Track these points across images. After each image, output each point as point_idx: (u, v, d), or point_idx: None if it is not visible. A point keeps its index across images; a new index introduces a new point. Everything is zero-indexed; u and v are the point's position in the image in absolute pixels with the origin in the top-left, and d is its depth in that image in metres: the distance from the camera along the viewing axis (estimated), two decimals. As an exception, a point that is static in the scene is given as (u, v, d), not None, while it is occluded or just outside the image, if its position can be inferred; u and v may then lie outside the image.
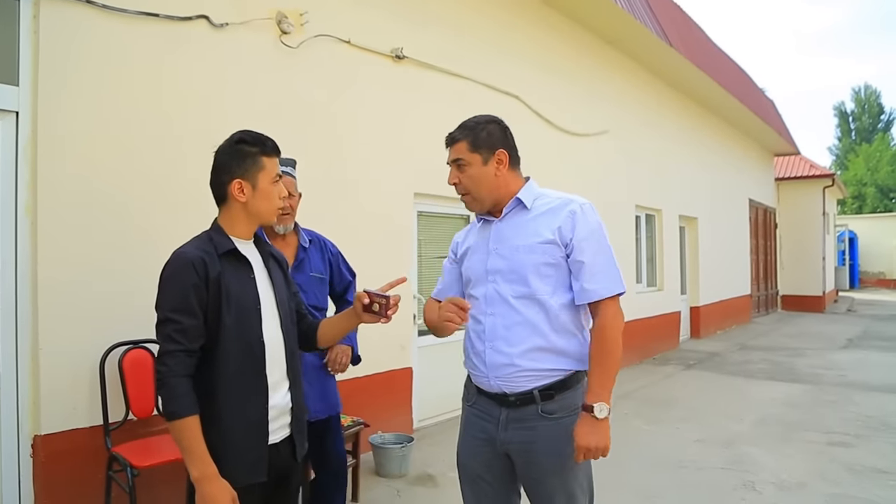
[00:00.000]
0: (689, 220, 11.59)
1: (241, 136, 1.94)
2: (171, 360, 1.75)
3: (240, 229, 1.96)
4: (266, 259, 2.04)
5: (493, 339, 2.02)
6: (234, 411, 1.82)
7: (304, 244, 3.05)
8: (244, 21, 4.01)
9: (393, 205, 5.16)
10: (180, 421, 1.73)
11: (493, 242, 2.09)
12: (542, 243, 1.99)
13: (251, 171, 1.90)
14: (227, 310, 1.82)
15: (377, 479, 4.34)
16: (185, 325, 1.77)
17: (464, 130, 2.10)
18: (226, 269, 1.86)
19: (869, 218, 31.51)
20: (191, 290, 1.78)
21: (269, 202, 1.95)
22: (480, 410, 2.11)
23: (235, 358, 1.83)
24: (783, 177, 18.23)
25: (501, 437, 2.03)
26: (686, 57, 9.32)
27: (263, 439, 1.87)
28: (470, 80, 5.90)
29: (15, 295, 3.04)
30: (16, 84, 3.05)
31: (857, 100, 45.51)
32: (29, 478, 3.07)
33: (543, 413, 1.98)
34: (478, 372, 2.08)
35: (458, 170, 2.09)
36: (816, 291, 17.70)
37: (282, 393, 1.94)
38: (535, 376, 1.97)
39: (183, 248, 1.88)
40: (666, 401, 6.81)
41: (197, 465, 1.73)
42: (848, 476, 4.42)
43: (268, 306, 1.94)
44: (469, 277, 2.16)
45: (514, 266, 2.01)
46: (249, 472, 1.84)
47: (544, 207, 2.06)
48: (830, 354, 10.02)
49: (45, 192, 3.09)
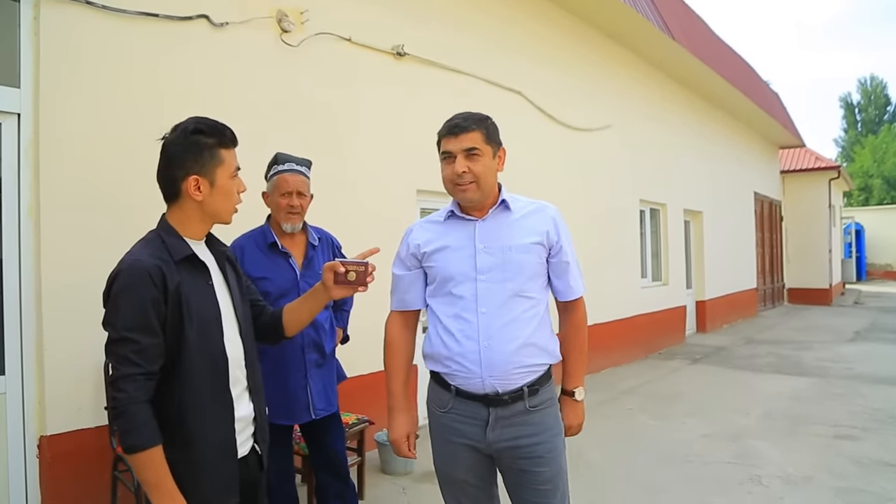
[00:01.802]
0: (693, 214, 11.55)
1: (195, 126, 1.72)
2: (129, 385, 1.54)
3: (193, 229, 1.76)
4: (220, 260, 1.85)
5: (488, 337, 2.00)
6: (204, 432, 1.65)
7: (314, 242, 3.05)
8: (244, 20, 4.01)
9: (394, 202, 5.15)
10: (144, 454, 1.53)
11: (481, 241, 2.08)
12: (533, 244, 2.07)
13: (208, 165, 1.70)
14: (189, 323, 1.64)
15: (383, 476, 4.34)
16: (144, 345, 1.56)
17: (476, 121, 2.07)
18: (184, 277, 1.67)
19: (875, 210, 31.35)
20: (149, 304, 1.58)
21: (228, 200, 1.76)
22: (460, 414, 2.07)
23: (200, 375, 1.65)
24: (788, 169, 18.14)
25: (489, 438, 2.03)
26: (689, 50, 9.28)
27: (233, 457, 1.72)
28: (471, 76, 5.88)
29: (19, 296, 3.05)
30: (17, 86, 3.06)
31: (864, 91, 45.30)
32: (35, 478, 3.08)
33: (530, 408, 2.03)
34: (465, 373, 2.01)
35: (470, 160, 2.03)
36: (823, 284, 17.63)
37: (244, 404, 1.79)
38: (527, 372, 2.03)
39: (136, 256, 1.67)
40: (672, 395, 6.79)
41: (167, 501, 1.55)
42: (855, 469, 4.40)
43: (227, 314, 1.77)
44: (449, 276, 2.08)
45: (507, 265, 2.04)
46: (223, 493, 1.70)
47: (525, 210, 2.13)
48: (837, 347, 9.98)
49: (47, 193, 3.10)
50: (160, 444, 1.56)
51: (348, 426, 3.79)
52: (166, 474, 1.56)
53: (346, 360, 3.54)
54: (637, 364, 8.57)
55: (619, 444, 5.04)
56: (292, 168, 2.96)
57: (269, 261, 2.89)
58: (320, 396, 2.94)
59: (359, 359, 4.42)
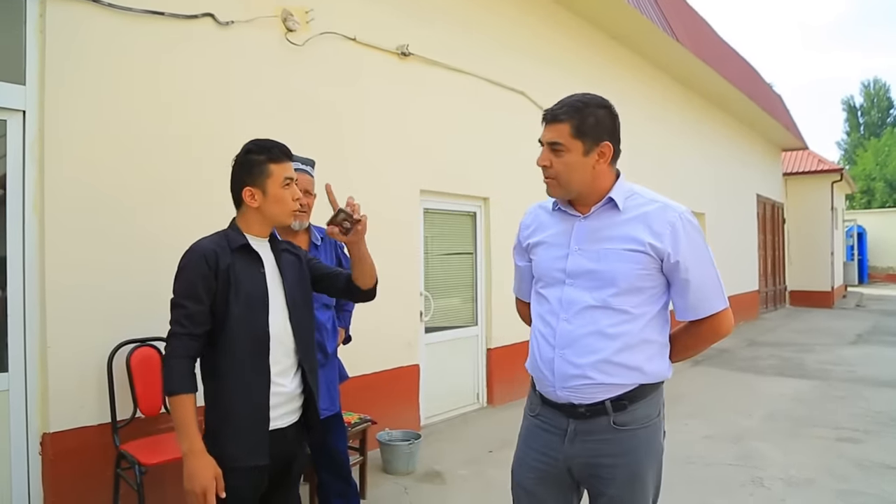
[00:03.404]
0: (696, 216, 11.47)
1: (248, 147, 2.08)
2: (175, 341, 1.90)
3: (255, 229, 2.08)
4: (279, 257, 2.13)
5: (563, 346, 1.83)
6: (236, 395, 1.93)
7: (316, 242, 3.06)
8: (250, 19, 4.01)
9: (398, 202, 5.15)
10: (176, 397, 1.87)
11: (576, 241, 1.87)
12: (634, 251, 1.79)
13: (259, 178, 2.03)
14: (234, 300, 1.94)
15: (384, 476, 4.34)
16: (192, 311, 1.90)
17: (570, 110, 1.82)
18: (236, 262, 1.98)
19: (878, 213, 31.29)
20: (199, 278, 1.92)
21: (282, 206, 2.06)
22: (544, 422, 1.93)
23: (241, 345, 1.93)
24: (791, 172, 18.12)
25: (567, 451, 1.86)
26: (692, 52, 9.27)
27: (264, 423, 1.96)
28: (475, 76, 5.88)
29: (23, 293, 3.06)
30: (22, 83, 3.06)
31: (867, 94, 45.23)
32: (38, 475, 3.08)
33: (616, 425, 1.81)
34: (544, 380, 1.89)
35: (553, 153, 1.84)
36: (825, 287, 17.60)
37: (288, 380, 2.04)
38: (607, 388, 1.80)
39: (199, 242, 2.02)
40: (674, 397, 6.76)
41: (186, 440, 1.85)
42: (857, 472, 4.39)
43: (276, 300, 2.04)
44: (540, 275, 1.96)
45: (599, 271, 1.81)
46: (250, 454, 1.93)
47: (638, 210, 1.85)
48: (839, 350, 9.97)
49: (51, 190, 3.10)
50: (192, 392, 1.89)
51: (350, 426, 3.79)
52: (192, 419, 1.87)
53: (348, 359, 3.55)
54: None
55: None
56: (298, 167, 2.95)
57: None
58: (323, 396, 2.93)
59: (361, 358, 4.43)
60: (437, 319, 5.69)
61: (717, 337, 1.91)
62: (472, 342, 6.14)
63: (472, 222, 6.16)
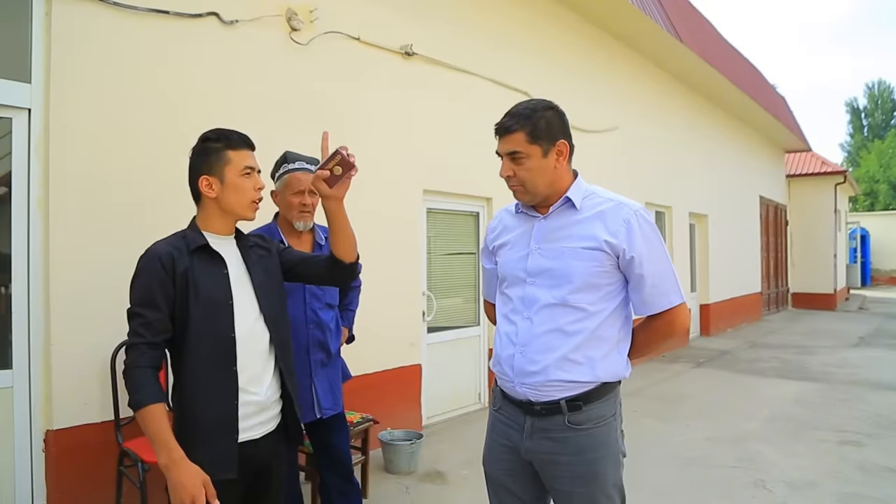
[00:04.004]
0: (699, 218, 11.53)
1: (205, 135, 1.97)
2: (134, 352, 1.78)
3: (216, 225, 1.97)
4: (246, 253, 2.01)
5: (524, 344, 1.89)
6: (200, 405, 1.83)
7: (321, 242, 3.05)
8: (254, 18, 4.02)
9: (402, 201, 5.15)
10: (144, 409, 1.73)
11: (536, 241, 1.93)
12: (590, 249, 1.85)
13: (216, 165, 1.92)
14: (194, 304, 1.83)
15: (386, 475, 4.35)
16: (149, 319, 1.79)
17: (520, 119, 1.88)
18: (195, 264, 1.87)
19: (881, 215, 31.21)
20: (155, 284, 1.81)
21: (240, 195, 1.94)
22: (506, 416, 2.00)
23: (203, 353, 1.83)
24: (794, 173, 18.09)
25: (526, 446, 1.92)
26: (696, 52, 9.26)
27: (231, 435, 1.84)
28: (479, 76, 5.88)
29: (27, 291, 3.07)
30: (28, 81, 3.07)
31: (871, 96, 45.15)
32: (41, 472, 3.09)
33: (571, 424, 1.86)
34: (504, 376, 1.96)
35: (514, 163, 1.89)
36: (827, 289, 17.57)
37: (262, 387, 1.92)
38: (564, 387, 1.85)
39: (155, 244, 1.90)
40: (676, 398, 6.78)
41: (163, 452, 1.71)
42: (859, 475, 4.38)
43: (244, 301, 1.93)
44: (504, 275, 2.01)
45: (557, 270, 1.86)
46: (216, 467, 1.79)
47: (594, 209, 1.90)
48: (842, 352, 9.95)
49: (56, 188, 3.11)
50: (161, 402, 1.75)
51: (353, 425, 3.80)
52: (165, 428, 1.73)
53: (351, 359, 3.55)
54: (641, 366, 8.55)
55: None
56: (303, 167, 2.96)
57: (276, 259, 2.89)
58: (326, 396, 2.94)
59: (363, 358, 4.44)
60: (439, 319, 5.70)
61: (673, 332, 1.95)
62: (475, 342, 6.14)
63: (475, 222, 6.16)
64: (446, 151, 5.54)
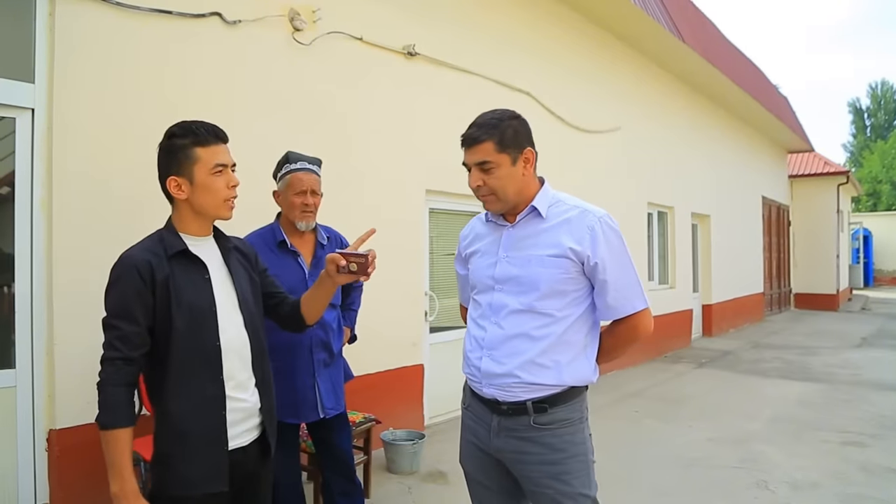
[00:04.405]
0: (701, 218, 11.52)
1: (171, 130, 1.83)
2: (108, 367, 1.67)
3: (191, 227, 1.85)
4: (227, 255, 1.92)
5: (492, 347, 1.93)
6: (186, 417, 1.73)
7: (323, 241, 3.05)
8: (257, 18, 4.02)
9: (404, 202, 5.16)
10: (109, 432, 1.64)
11: (504, 249, 1.97)
12: (556, 256, 1.88)
13: (184, 165, 1.79)
14: (177, 313, 1.72)
15: (388, 475, 4.35)
16: (126, 332, 1.67)
17: (487, 129, 1.90)
18: (176, 271, 1.76)
19: (884, 216, 31.17)
20: (133, 295, 1.69)
21: (212, 195, 1.80)
22: (474, 415, 2.06)
23: (188, 363, 1.73)
24: (797, 174, 18.07)
25: (494, 444, 1.97)
26: (698, 53, 9.25)
27: (221, 446, 1.77)
28: (482, 76, 5.88)
29: (30, 290, 3.07)
30: (31, 81, 3.08)
31: (874, 96, 45.08)
32: (44, 471, 3.10)
33: (536, 424, 1.89)
34: (472, 377, 2.01)
35: (484, 173, 1.91)
36: (830, 289, 17.55)
37: (247, 395, 1.85)
38: (530, 388, 1.88)
39: (130, 251, 1.78)
40: (678, 399, 6.77)
41: (117, 480, 1.64)
42: (862, 476, 4.38)
43: (227, 307, 1.83)
44: (474, 283, 2.06)
45: (524, 277, 1.90)
46: (206, 480, 1.73)
47: (560, 217, 1.93)
48: (844, 353, 9.94)
49: (59, 187, 3.12)
50: (128, 426, 1.65)
51: (355, 425, 3.80)
52: (125, 456, 1.64)
53: (353, 359, 3.55)
54: (643, 367, 8.55)
55: (625, 446, 5.03)
56: (305, 167, 2.96)
57: (278, 259, 2.88)
58: (329, 396, 2.94)
59: (365, 358, 4.44)
60: (441, 319, 5.70)
61: (637, 336, 1.98)
62: (477, 342, 6.11)
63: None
64: (449, 151, 5.49)
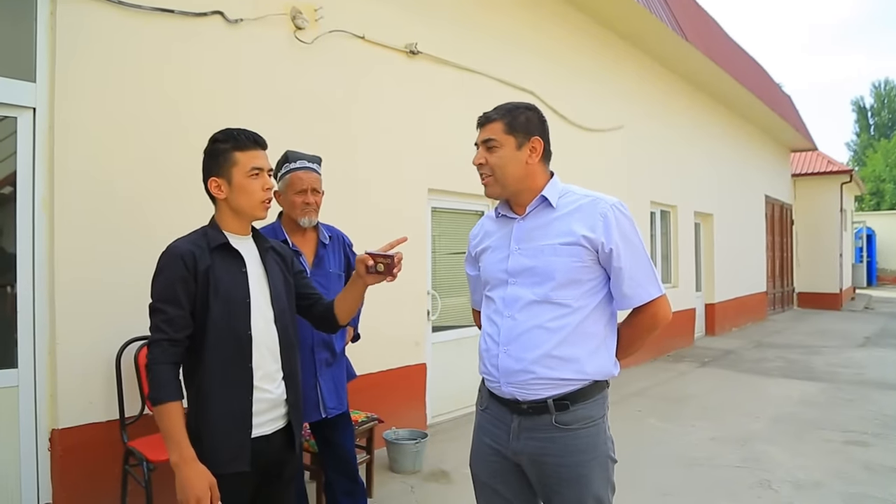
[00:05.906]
0: (704, 217, 11.50)
1: (214, 136, 2.02)
2: (156, 348, 1.83)
3: (232, 225, 2.02)
4: (264, 254, 2.07)
5: (507, 342, 1.89)
6: (216, 400, 1.88)
7: (324, 241, 3.05)
8: (259, 17, 4.02)
9: (406, 200, 5.15)
10: (161, 406, 1.79)
11: (516, 242, 1.95)
12: (569, 244, 1.86)
13: (224, 167, 1.97)
14: (214, 301, 1.88)
15: (391, 475, 4.35)
16: (171, 315, 1.84)
17: (502, 111, 1.96)
18: (216, 262, 1.92)
19: (887, 215, 31.11)
20: (178, 281, 1.86)
21: (248, 196, 1.98)
22: (493, 416, 2.00)
23: (221, 349, 1.88)
24: (800, 173, 18.03)
25: (513, 447, 1.91)
26: (702, 51, 9.23)
27: (246, 430, 1.90)
28: (484, 75, 5.87)
29: (32, 289, 3.07)
30: (33, 80, 3.07)
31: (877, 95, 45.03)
32: (47, 471, 3.09)
33: (558, 424, 1.85)
34: (490, 377, 1.96)
35: (487, 151, 1.94)
36: (833, 289, 17.51)
37: (274, 385, 1.98)
38: (550, 384, 1.85)
39: (176, 242, 1.95)
40: (680, 398, 6.76)
41: (175, 450, 1.78)
42: (865, 475, 4.36)
43: (259, 301, 1.99)
44: (487, 278, 2.03)
45: (539, 268, 1.87)
46: (230, 460, 1.87)
47: (571, 206, 1.92)
48: (847, 352, 9.91)
49: (61, 187, 3.11)
50: (178, 399, 1.81)
51: (357, 424, 3.80)
52: (180, 427, 1.80)
53: (356, 358, 3.55)
54: (645, 366, 8.54)
55: (628, 446, 5.01)
56: (305, 166, 2.96)
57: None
58: (331, 395, 2.94)
59: (368, 357, 4.44)
60: (444, 318, 5.69)
61: (656, 324, 1.97)
62: (479, 342, 6.11)
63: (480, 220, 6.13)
64: (451, 150, 5.53)
